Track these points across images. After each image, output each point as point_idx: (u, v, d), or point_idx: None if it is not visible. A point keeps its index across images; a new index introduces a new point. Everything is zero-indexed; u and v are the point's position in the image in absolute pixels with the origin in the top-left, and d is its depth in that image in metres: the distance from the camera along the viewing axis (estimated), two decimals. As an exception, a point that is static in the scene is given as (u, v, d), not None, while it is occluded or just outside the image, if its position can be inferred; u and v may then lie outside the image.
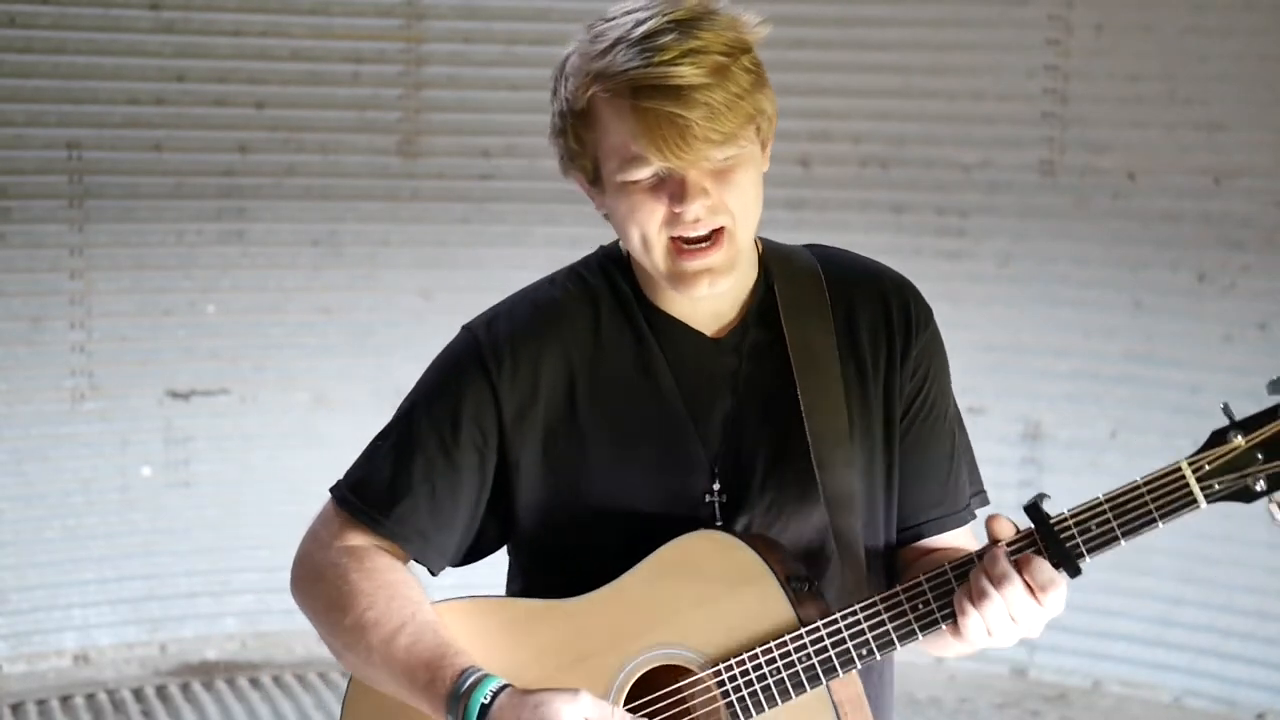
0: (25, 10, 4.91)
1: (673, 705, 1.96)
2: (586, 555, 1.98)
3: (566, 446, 2.00)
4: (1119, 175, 4.99)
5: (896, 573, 2.06)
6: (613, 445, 1.99)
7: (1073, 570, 1.86)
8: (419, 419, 2.02)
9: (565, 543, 2.02)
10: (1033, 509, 1.87)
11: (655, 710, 1.96)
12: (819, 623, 1.90)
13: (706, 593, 1.93)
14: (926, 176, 5.15)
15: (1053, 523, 1.86)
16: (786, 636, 1.91)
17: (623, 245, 2.01)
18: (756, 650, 1.91)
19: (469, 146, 5.24)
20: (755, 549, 1.93)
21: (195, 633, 5.25)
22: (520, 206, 5.23)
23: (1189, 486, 1.82)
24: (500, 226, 5.26)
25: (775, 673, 1.91)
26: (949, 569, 1.90)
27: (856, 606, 1.91)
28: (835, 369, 2.00)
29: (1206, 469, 1.82)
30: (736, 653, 1.92)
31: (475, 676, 1.87)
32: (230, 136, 5.13)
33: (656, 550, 1.94)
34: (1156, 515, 1.83)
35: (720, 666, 1.92)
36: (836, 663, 1.90)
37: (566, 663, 1.97)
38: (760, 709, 1.92)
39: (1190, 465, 1.82)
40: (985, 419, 4.97)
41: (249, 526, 5.25)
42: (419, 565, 2.06)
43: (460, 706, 1.86)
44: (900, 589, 1.91)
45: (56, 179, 5.02)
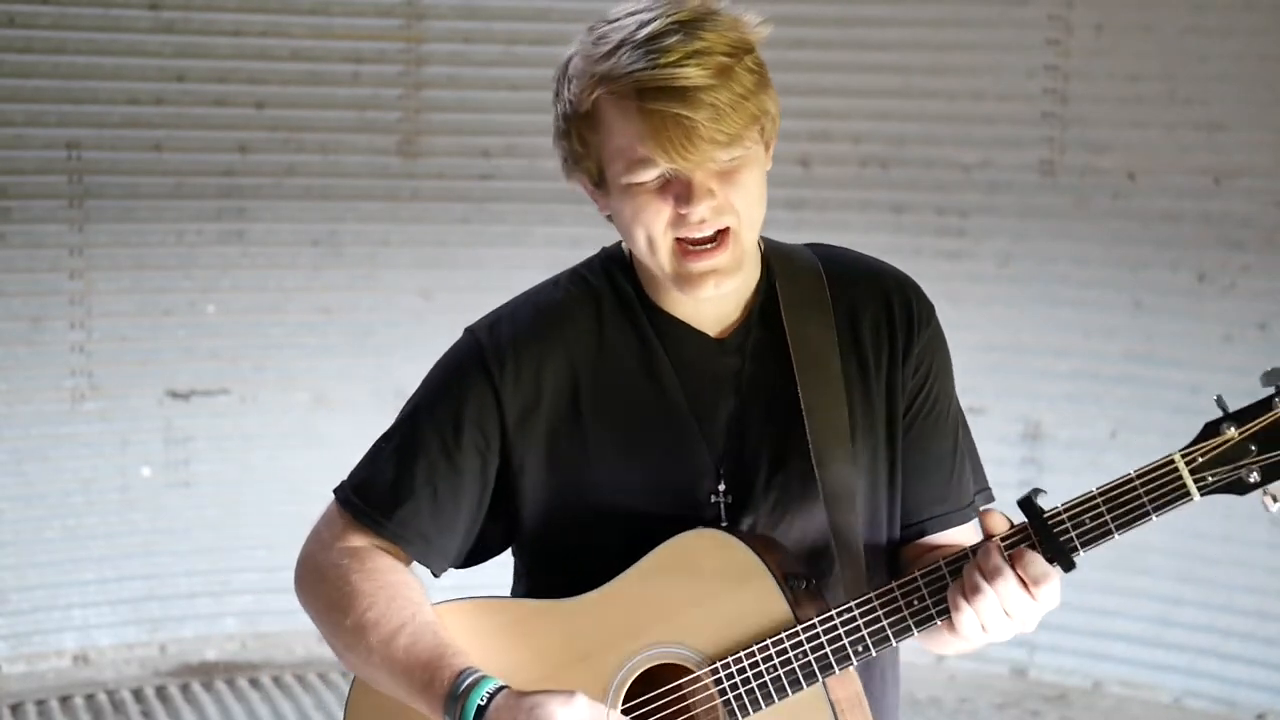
0: (25, 10, 4.91)
1: (671, 704, 1.96)
2: (591, 557, 1.98)
3: (570, 449, 2.00)
4: (1119, 175, 4.99)
5: (900, 570, 2.06)
6: (617, 447, 1.99)
7: (1067, 564, 1.86)
8: (421, 422, 2.02)
9: (570, 544, 2.02)
10: (1026, 503, 1.87)
11: (654, 709, 1.97)
12: (815, 620, 1.91)
13: (703, 591, 1.93)
14: (926, 176, 5.15)
15: (1046, 516, 1.86)
16: (783, 634, 1.91)
17: (626, 247, 2.01)
18: (753, 648, 1.91)
19: (469, 146, 5.24)
20: (752, 547, 1.93)
21: (195, 633, 5.25)
22: (520, 206, 5.23)
23: (1182, 479, 1.81)
24: (500, 226, 5.26)
25: (771, 670, 1.91)
26: (943, 565, 1.91)
27: (852, 603, 1.91)
28: (836, 367, 2.00)
29: (1200, 461, 1.81)
30: (734, 651, 1.92)
31: (473, 678, 1.88)
32: (230, 136, 5.13)
33: (654, 549, 1.95)
34: (1150, 508, 1.82)
35: (717, 665, 1.93)
36: (833, 660, 1.91)
37: (566, 662, 1.97)
38: (757, 706, 1.92)
39: (1183, 457, 1.82)
40: (985, 419, 4.97)
41: (249, 526, 5.25)
42: (421, 566, 2.06)
43: (457, 707, 1.86)
44: (895, 585, 1.91)
45: (56, 179, 5.02)
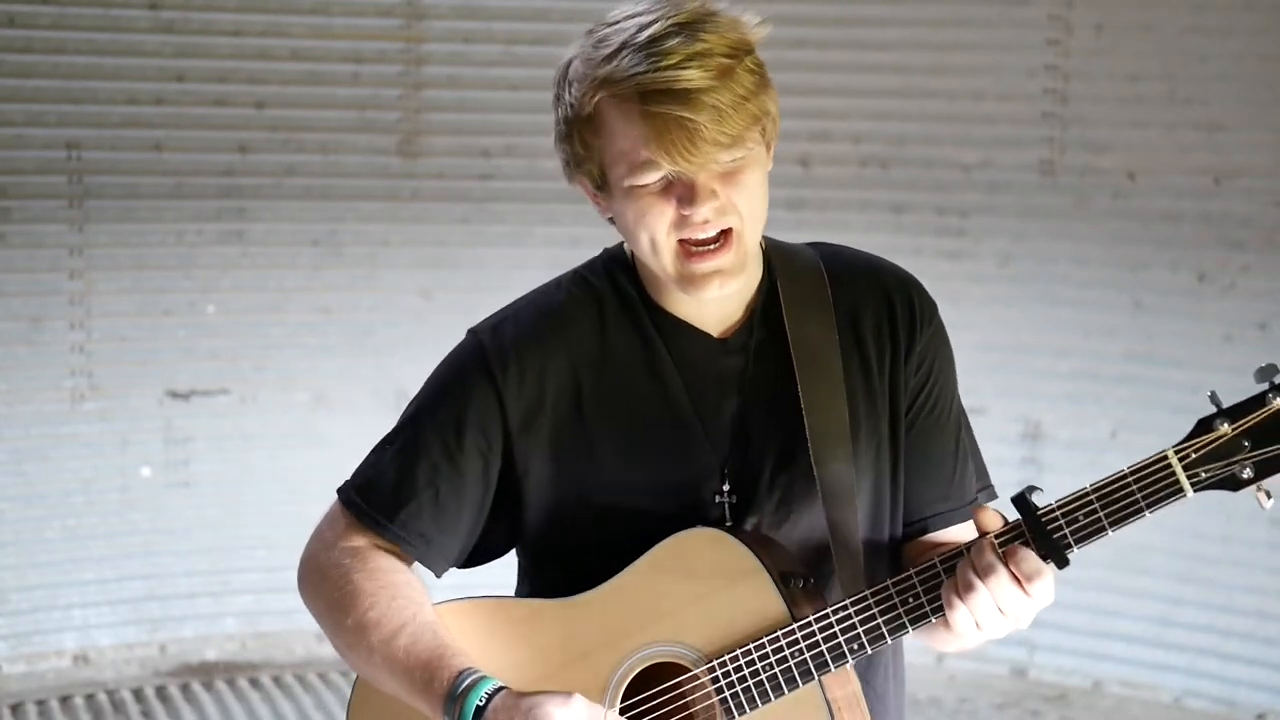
0: (25, 10, 4.91)
1: (669, 702, 1.97)
2: (595, 558, 1.98)
3: (574, 451, 2.00)
4: (1119, 175, 4.99)
5: (901, 568, 2.05)
6: (621, 449, 2.00)
7: (1060, 561, 1.86)
8: (424, 423, 2.03)
9: (574, 546, 2.02)
10: (1020, 500, 1.87)
11: (652, 707, 1.97)
12: (810, 618, 1.91)
13: (701, 590, 1.94)
14: (926, 176, 5.15)
15: (1040, 514, 1.86)
16: (779, 632, 1.91)
17: (628, 248, 2.02)
18: (750, 646, 1.92)
19: (469, 146, 5.24)
20: (749, 546, 1.93)
21: (195, 633, 5.25)
22: (520, 206, 5.24)
23: (1175, 475, 1.81)
24: (500, 226, 5.26)
25: (768, 668, 1.92)
26: (938, 562, 1.91)
27: (848, 601, 1.92)
28: (836, 366, 2.00)
29: (1193, 457, 1.81)
30: (731, 649, 1.93)
31: (472, 678, 1.88)
32: (230, 136, 5.13)
33: (651, 549, 1.95)
34: (1144, 505, 1.82)
35: (714, 663, 1.93)
36: (828, 658, 1.91)
37: (565, 662, 1.97)
38: (754, 705, 1.92)
39: (1177, 453, 1.82)
40: (985, 419, 4.97)
41: (249, 526, 5.25)
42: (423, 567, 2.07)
43: (456, 708, 1.87)
44: (890, 583, 1.92)
45: (56, 179, 5.02)
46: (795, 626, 1.91)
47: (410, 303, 5.28)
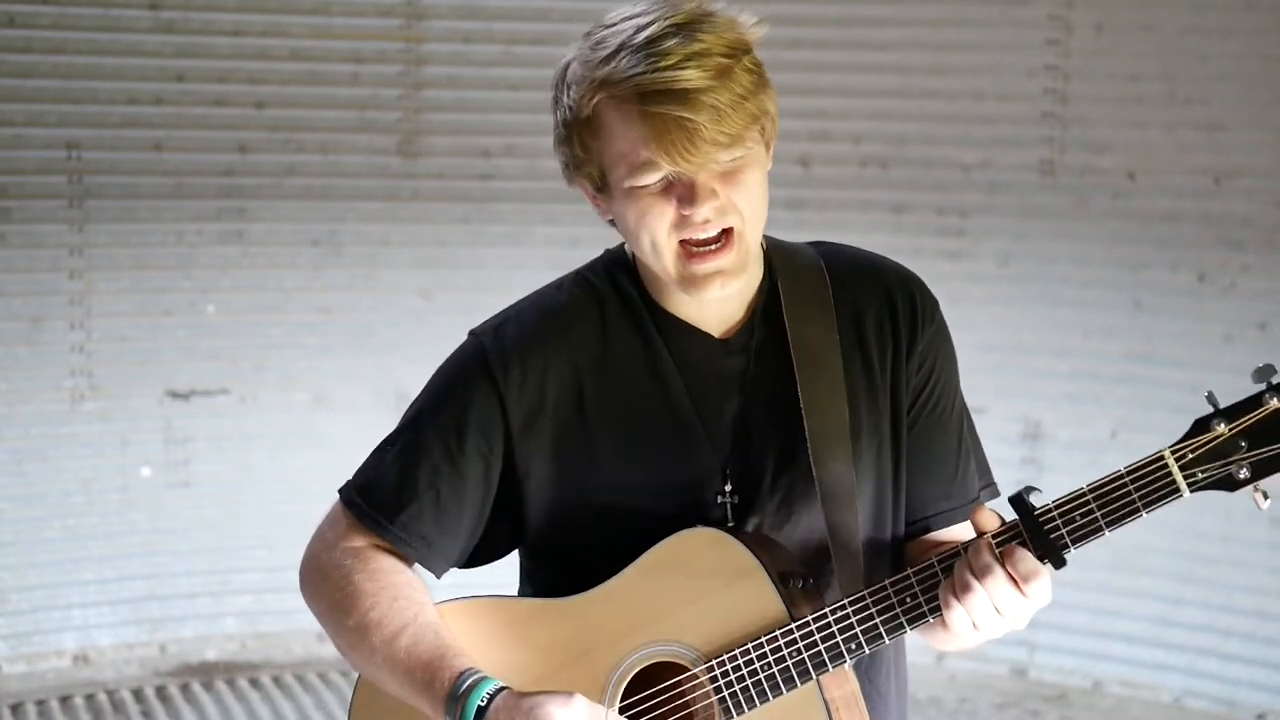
0: (25, 10, 4.91)
1: (668, 702, 1.97)
2: (597, 559, 1.98)
3: (576, 453, 2.00)
4: (1119, 175, 4.99)
5: (904, 566, 2.05)
6: (622, 450, 2.00)
7: (1057, 561, 1.86)
8: (426, 425, 2.03)
9: (576, 547, 2.02)
10: (1017, 500, 1.88)
11: (651, 707, 1.97)
12: (809, 618, 1.91)
13: (700, 589, 1.94)
14: (926, 176, 5.15)
15: (1037, 514, 1.86)
16: (777, 632, 1.92)
17: (629, 249, 2.02)
18: (748, 646, 1.92)
19: (469, 146, 5.24)
20: (748, 545, 1.93)
21: (195, 633, 5.25)
22: (520, 206, 5.24)
23: (1172, 475, 1.81)
24: (500, 226, 5.26)
25: (766, 668, 1.92)
26: (935, 562, 1.91)
27: (845, 601, 1.92)
28: (837, 365, 2.00)
29: (1190, 457, 1.81)
30: (729, 649, 1.93)
31: (473, 679, 1.89)
32: (230, 136, 5.13)
33: (651, 548, 1.95)
34: (1140, 505, 1.83)
35: (713, 663, 1.93)
36: (826, 657, 1.91)
37: (565, 661, 1.98)
38: (751, 704, 1.93)
39: (1173, 454, 1.82)
40: (985, 419, 4.93)
41: (249, 526, 5.25)
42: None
43: (458, 708, 1.87)
44: (888, 583, 1.92)
45: (56, 179, 5.02)
46: (794, 626, 1.91)
47: (410, 303, 5.28)
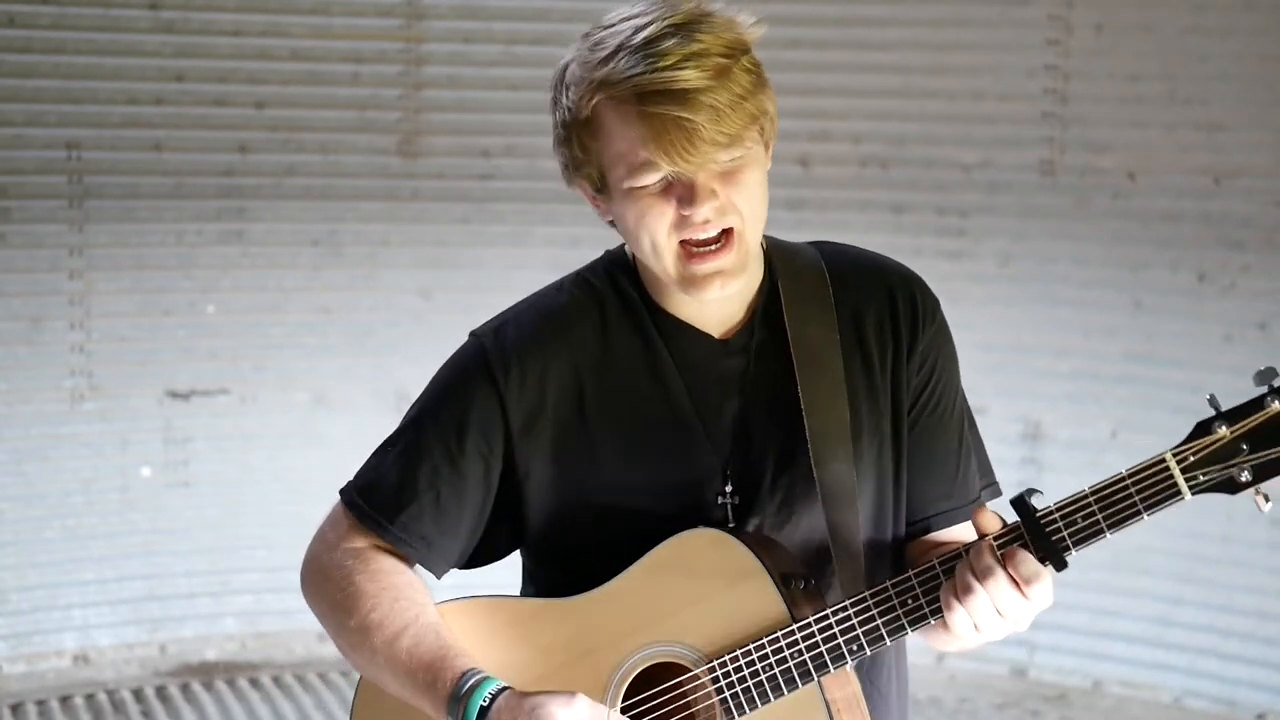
0: (25, 10, 4.91)
1: (670, 702, 1.97)
2: (597, 559, 1.98)
3: (576, 453, 2.01)
4: (1119, 175, 4.99)
5: (905, 567, 2.05)
6: (623, 450, 2.00)
7: (1058, 563, 1.86)
8: (426, 426, 2.03)
9: (576, 547, 2.02)
10: (1019, 503, 1.87)
11: (653, 707, 1.97)
12: (810, 619, 1.91)
13: (701, 590, 1.94)
14: (926, 176, 5.15)
15: (1038, 516, 1.86)
16: (779, 633, 1.91)
17: (629, 250, 2.02)
18: (749, 647, 1.92)
19: (469, 146, 5.24)
20: (750, 546, 1.93)
21: (195, 633, 5.25)
22: (520, 206, 5.23)
23: (1173, 478, 1.81)
24: (500, 226, 5.26)
25: (767, 669, 1.92)
26: (937, 564, 1.91)
27: (847, 602, 1.92)
28: (837, 365, 2.00)
29: (1191, 460, 1.81)
30: (731, 650, 1.93)
31: (475, 679, 1.89)
32: (230, 136, 5.13)
33: (653, 549, 1.95)
34: (1141, 507, 1.82)
35: (715, 663, 1.93)
36: (828, 658, 1.91)
37: (567, 661, 1.98)
38: (753, 705, 1.93)
39: (1175, 456, 1.82)
40: (985, 419, 4.88)
41: (249, 526, 5.25)
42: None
43: (460, 708, 1.87)
44: (890, 584, 1.92)
45: (56, 179, 5.02)
46: (795, 627, 1.91)
47: (410, 303, 5.28)
